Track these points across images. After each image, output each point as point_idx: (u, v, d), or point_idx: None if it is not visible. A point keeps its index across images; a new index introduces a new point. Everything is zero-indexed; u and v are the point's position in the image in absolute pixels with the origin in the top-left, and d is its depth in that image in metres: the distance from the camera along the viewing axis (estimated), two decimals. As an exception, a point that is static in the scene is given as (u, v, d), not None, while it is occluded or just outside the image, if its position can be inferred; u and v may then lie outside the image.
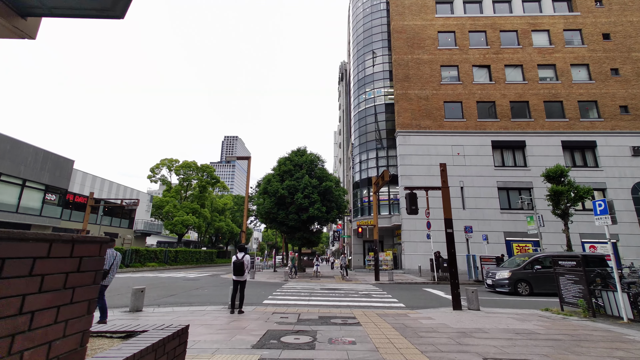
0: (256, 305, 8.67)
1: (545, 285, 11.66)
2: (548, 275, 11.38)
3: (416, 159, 24.41)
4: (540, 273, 11.94)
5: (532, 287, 11.85)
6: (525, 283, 11.95)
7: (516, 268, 12.36)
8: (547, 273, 11.51)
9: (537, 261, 12.38)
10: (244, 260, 7.45)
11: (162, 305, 8.46)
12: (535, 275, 11.96)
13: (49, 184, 23.49)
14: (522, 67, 25.71)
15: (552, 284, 11.09)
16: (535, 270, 12.03)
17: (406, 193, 8.90)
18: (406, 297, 10.89)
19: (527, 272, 12.07)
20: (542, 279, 11.80)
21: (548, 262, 12.26)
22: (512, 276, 12.03)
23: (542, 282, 11.77)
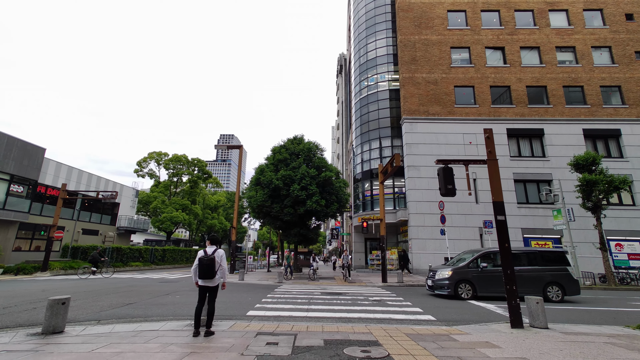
0: (237, 319, 6.36)
1: (492, 286, 9.88)
2: (497, 275, 9.71)
3: (424, 148, 22.23)
4: (488, 272, 10.03)
5: (476, 289, 9.94)
6: (468, 284, 10.01)
7: (458, 266, 10.44)
8: (496, 272, 9.85)
9: (486, 258, 10.54)
10: (215, 257, 5.14)
11: (104, 320, 6.11)
12: (481, 275, 10.03)
13: (15, 174, 20.91)
14: (539, 50, 23.63)
15: (501, 285, 9.80)
16: (481, 269, 10.09)
17: (439, 168, 6.65)
18: (430, 305, 8.64)
19: (471, 271, 10.15)
20: (488, 280, 9.95)
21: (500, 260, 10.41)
22: (452, 276, 10.11)
23: (488, 282, 9.93)
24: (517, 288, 9.63)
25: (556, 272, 9.97)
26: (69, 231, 26.09)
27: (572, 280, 9.95)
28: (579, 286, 10.08)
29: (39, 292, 9.71)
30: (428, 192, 21.39)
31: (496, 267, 10.06)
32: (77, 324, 5.75)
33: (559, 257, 10.42)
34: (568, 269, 10.13)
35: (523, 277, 9.64)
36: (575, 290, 9.90)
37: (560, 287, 9.80)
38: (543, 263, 10.18)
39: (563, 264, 10.25)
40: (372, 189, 25.75)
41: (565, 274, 9.98)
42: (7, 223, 20.93)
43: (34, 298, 8.52)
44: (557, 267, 10.08)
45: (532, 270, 9.99)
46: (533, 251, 10.65)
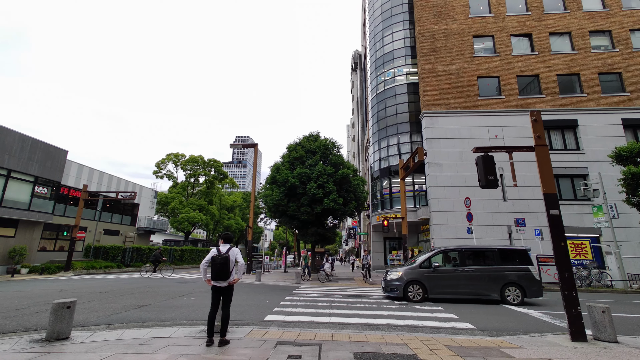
0: (254, 325, 5.83)
1: (444, 287, 9.27)
2: (451, 275, 9.32)
3: (445, 143, 21.16)
4: (440, 272, 9.38)
5: (427, 290, 9.25)
6: (418, 285, 9.34)
7: (410, 267, 9.81)
8: (450, 272, 9.38)
9: (443, 256, 9.97)
10: (230, 255, 4.62)
11: (114, 324, 5.72)
12: (433, 275, 9.36)
13: (39, 176, 21.42)
14: (570, 35, 22.03)
15: (454, 286, 9.17)
16: (433, 268, 9.40)
17: (478, 157, 5.88)
18: (464, 310, 7.84)
19: (423, 271, 9.47)
20: (440, 280, 9.31)
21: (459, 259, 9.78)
22: (402, 276, 9.49)
23: (440, 283, 9.30)
24: (471, 289, 9.04)
25: (517, 272, 9.21)
26: (91, 231, 26.65)
27: (534, 280, 9.16)
28: (541, 287, 9.24)
29: (56, 293, 9.58)
30: (451, 189, 20.32)
31: (449, 267, 9.60)
32: (85, 328, 5.37)
33: (521, 256, 9.60)
34: (530, 268, 9.34)
35: (480, 277, 9.16)
36: (536, 292, 9.11)
37: (520, 288, 9.04)
38: (503, 262, 9.39)
39: (525, 263, 9.45)
40: (390, 187, 24.84)
41: (526, 274, 9.21)
42: (32, 224, 21.48)
43: (49, 299, 8.34)
44: (519, 267, 9.31)
45: (491, 270, 9.26)
46: (492, 249, 9.80)
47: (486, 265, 9.43)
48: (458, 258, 9.64)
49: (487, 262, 9.53)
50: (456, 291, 9.16)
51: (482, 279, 9.13)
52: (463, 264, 9.46)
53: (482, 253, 9.82)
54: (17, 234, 20.42)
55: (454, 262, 9.84)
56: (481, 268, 9.30)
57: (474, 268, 9.24)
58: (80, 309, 6.95)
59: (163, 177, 41.92)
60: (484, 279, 9.13)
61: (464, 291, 9.13)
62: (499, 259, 9.40)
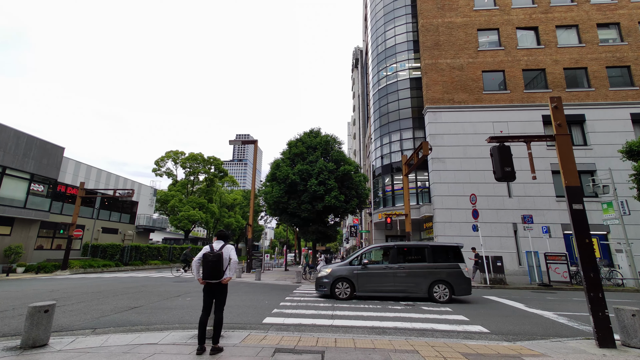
0: (251, 329, 5.42)
1: (371, 284, 9.04)
2: (380, 273, 9.11)
3: (449, 139, 20.67)
4: (370, 270, 9.18)
5: (355, 288, 8.99)
6: (347, 282, 9.05)
7: (339, 264, 9.72)
8: (379, 269, 9.18)
9: (375, 253, 9.86)
10: (223, 252, 4.21)
11: (101, 328, 5.32)
12: (362, 272, 9.11)
13: (35, 173, 21.05)
14: (577, 28, 21.48)
15: (383, 283, 8.98)
16: (362, 265, 9.19)
17: (493, 147, 5.44)
18: (473, 312, 7.42)
19: (353, 269, 9.22)
20: (369, 277, 9.08)
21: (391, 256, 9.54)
22: (331, 274, 9.24)
23: (368, 280, 9.06)
24: (400, 287, 8.76)
25: (447, 270, 9.03)
26: (89, 230, 26.32)
27: (463, 278, 9.01)
28: (469, 285, 9.08)
29: (47, 293, 9.20)
30: (455, 185, 19.87)
31: (379, 264, 9.38)
32: (68, 333, 4.97)
33: (453, 253, 9.39)
34: (461, 266, 9.15)
35: (409, 275, 8.99)
36: (465, 290, 8.98)
37: (449, 285, 8.87)
38: (436, 259, 9.20)
39: (456, 260, 9.25)
40: (393, 184, 24.39)
41: (456, 271, 9.04)
42: (29, 222, 21.13)
43: (38, 300, 7.95)
44: (449, 264, 9.13)
45: (420, 267, 9.09)
46: (425, 246, 9.52)
47: (418, 262, 9.26)
48: (390, 255, 9.40)
49: (419, 259, 9.36)
50: (384, 288, 8.94)
51: (411, 276, 8.97)
52: (394, 261, 9.21)
53: (415, 250, 9.64)
54: (12, 232, 20.08)
55: (386, 260, 9.58)
56: (411, 265, 9.12)
57: (404, 265, 9.04)
58: (67, 311, 6.56)
59: (162, 175, 41.54)
60: (412, 277, 8.97)
61: (392, 288, 8.93)
62: (431, 256, 9.20)
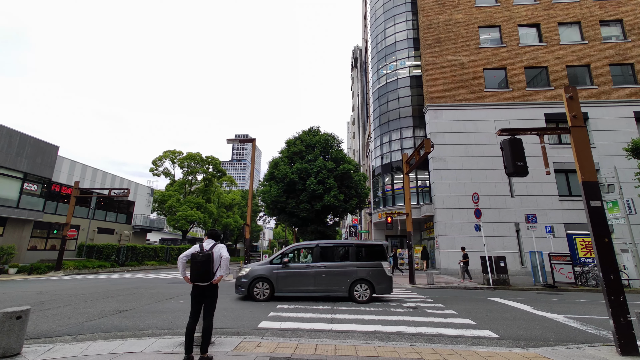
0: (245, 335, 5.07)
1: (294, 284, 8.66)
2: (301, 272, 8.75)
3: (451, 138, 20.38)
4: (291, 269, 8.79)
5: (274, 288, 8.59)
6: (266, 282, 8.62)
7: (259, 262, 9.41)
8: (301, 268, 8.82)
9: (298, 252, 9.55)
10: (214, 253, 3.87)
11: (83, 334, 4.95)
12: (283, 271, 8.73)
13: (29, 172, 20.65)
14: (579, 25, 21.21)
15: (304, 283, 8.60)
16: (283, 264, 8.81)
17: (504, 140, 5.12)
18: (480, 314, 7.08)
19: (272, 268, 8.81)
20: (291, 277, 8.70)
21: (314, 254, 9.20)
22: (249, 273, 8.74)
23: (290, 280, 8.68)
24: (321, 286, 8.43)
25: (368, 268, 8.83)
26: (84, 230, 25.89)
27: (385, 276, 8.87)
28: (391, 284, 8.96)
29: (34, 295, 8.82)
30: (456, 184, 19.57)
31: (301, 263, 9.12)
32: (47, 340, 4.61)
33: (376, 252, 9.16)
34: (383, 264, 8.95)
35: (330, 274, 8.69)
36: (386, 289, 8.87)
37: (369, 284, 8.68)
38: (357, 258, 8.96)
39: (379, 259, 9.04)
40: (393, 183, 24.07)
41: (378, 270, 8.87)
42: (22, 222, 20.71)
43: (23, 302, 7.58)
44: (371, 263, 8.93)
45: (341, 266, 8.82)
46: (349, 244, 9.27)
47: (340, 261, 9.02)
48: (313, 254, 9.13)
49: (341, 257, 9.12)
50: (305, 288, 8.62)
51: (332, 275, 8.70)
52: (317, 260, 8.93)
53: (339, 248, 9.37)
54: (5, 233, 19.66)
55: (309, 258, 9.31)
56: (333, 264, 8.85)
57: (326, 264, 8.77)
58: (50, 315, 6.19)
59: (160, 174, 41.05)
60: (334, 276, 8.70)
61: (314, 288, 8.64)
62: (355, 255, 8.97)
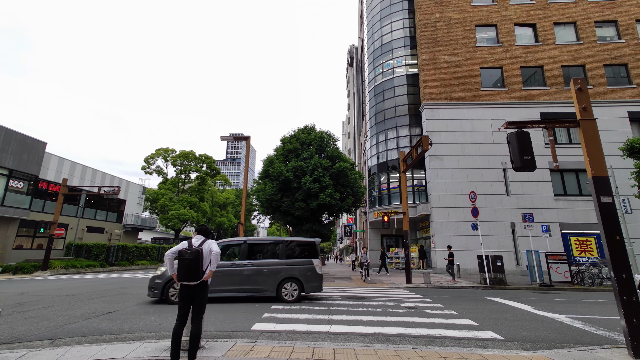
0: (238, 338, 4.78)
1: (218, 284, 7.83)
2: (227, 271, 8.05)
3: (447, 136, 20.28)
4: (217, 267, 7.61)
5: None
6: None
7: None
8: (226, 267, 8.09)
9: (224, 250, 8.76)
10: (203, 249, 3.57)
11: (62, 338, 4.61)
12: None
13: (14, 169, 19.99)
14: (575, 25, 21.30)
15: (229, 282, 8.00)
16: None
17: (510, 134, 4.95)
18: (481, 314, 6.88)
19: None
20: (215, 276, 7.64)
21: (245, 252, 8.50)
22: (167, 273, 7.70)
23: (214, 280, 7.57)
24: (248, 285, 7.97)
25: (298, 266, 8.48)
26: (72, 229, 25.21)
27: (316, 275, 8.59)
28: (321, 282, 8.71)
29: (15, 296, 8.39)
30: (452, 183, 19.47)
31: (227, 262, 8.31)
32: (22, 345, 4.26)
33: (308, 249, 8.89)
34: (314, 262, 8.68)
35: (258, 272, 8.23)
36: (316, 287, 8.59)
37: (299, 283, 8.35)
38: (287, 255, 8.62)
39: (310, 257, 8.77)
40: (389, 182, 23.93)
41: (308, 268, 8.57)
42: (7, 220, 20.04)
43: (1, 304, 7.17)
44: (302, 261, 8.61)
45: (270, 264, 8.39)
46: (277, 241, 8.86)
47: (269, 258, 8.57)
48: (240, 251, 8.53)
49: (271, 255, 8.67)
50: (230, 288, 8.04)
51: (259, 274, 8.25)
52: (244, 257, 8.37)
53: (268, 246, 8.91)
54: (-11, 231, 19.00)
55: (237, 256, 8.68)
56: (260, 262, 8.41)
57: (253, 262, 8.30)
58: (29, 317, 5.81)
59: (152, 172, 40.33)
60: (261, 274, 8.25)
61: (240, 288, 8.11)
62: (285, 252, 8.60)
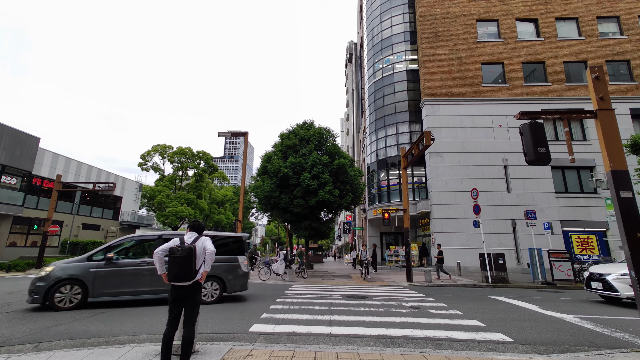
0: (235, 341, 4.52)
1: (120, 285, 7.00)
2: (132, 270, 7.16)
3: (447, 133, 20.03)
4: (119, 266, 7.09)
5: (89, 291, 6.74)
6: (77, 285, 6.69)
7: (71, 260, 7.22)
8: (132, 266, 7.22)
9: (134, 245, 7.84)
10: (196, 247, 3.30)
11: (48, 341, 4.32)
12: (107, 270, 6.95)
13: (6, 165, 19.56)
14: (577, 21, 21.05)
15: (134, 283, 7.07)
16: (107, 260, 7.01)
17: (524, 125, 4.69)
18: (487, 315, 6.66)
19: (90, 266, 6.91)
20: (118, 276, 7.02)
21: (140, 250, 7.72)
22: (52, 273, 6.65)
23: (116, 280, 6.99)
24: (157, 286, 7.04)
25: (221, 264, 7.79)
26: (67, 226, 24.83)
27: (240, 272, 8.12)
28: (246, 281, 8.31)
29: (3, 295, 8.09)
30: (453, 180, 19.26)
31: (134, 259, 7.39)
32: (3, 349, 3.97)
33: (233, 245, 8.35)
34: (239, 259, 8.17)
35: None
36: (240, 286, 8.13)
37: (220, 282, 7.74)
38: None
39: (236, 253, 8.25)
40: (388, 179, 23.69)
41: (232, 265, 8.03)
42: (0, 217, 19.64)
43: (-12, 304, 6.87)
44: (225, 257, 8.00)
45: None
46: None
47: None
48: (154, 247, 7.22)
49: None
50: (137, 290, 7.10)
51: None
52: None
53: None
54: (-19, 228, 18.61)
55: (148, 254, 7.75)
56: None
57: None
58: (14, 318, 5.53)
59: (149, 169, 39.90)
60: None
61: (149, 289, 7.20)
62: None
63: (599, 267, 9.24)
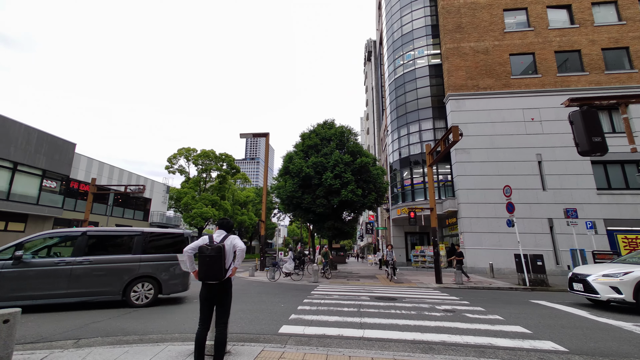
0: (266, 342, 4.42)
1: (34, 288, 6.18)
2: (50, 271, 6.33)
3: (474, 128, 19.17)
4: (31, 266, 6.28)
5: None
6: None
7: None
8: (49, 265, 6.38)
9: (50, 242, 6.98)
10: (225, 245, 3.21)
11: (85, 338, 4.43)
12: (15, 270, 6.09)
13: (47, 169, 20.83)
14: (616, 4, 19.52)
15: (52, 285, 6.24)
16: (16, 259, 6.15)
17: (574, 112, 4.27)
18: (531, 320, 6.19)
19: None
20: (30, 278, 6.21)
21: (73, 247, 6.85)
22: None
23: (27, 283, 6.17)
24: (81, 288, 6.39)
25: (158, 262, 7.20)
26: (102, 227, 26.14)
27: (179, 272, 7.44)
28: (187, 280, 7.63)
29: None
30: (481, 178, 18.41)
31: (52, 258, 6.65)
32: (45, 345, 4.10)
33: (173, 243, 7.75)
34: (179, 257, 7.49)
35: (97, 271, 6.66)
36: (179, 286, 7.48)
37: (155, 282, 7.08)
38: (144, 249, 7.20)
39: (177, 252, 7.59)
40: (412, 178, 23.05)
41: (170, 264, 7.36)
42: (42, 218, 20.94)
43: (32, 300, 7.22)
44: (163, 256, 7.37)
45: (115, 261, 6.89)
46: (131, 234, 7.38)
47: (118, 254, 7.06)
48: (75, 246, 6.83)
49: (122, 250, 7.19)
50: (50, 293, 6.29)
51: (99, 273, 6.68)
52: (80, 253, 6.69)
53: (118, 238, 7.46)
54: (26, 229, 19.90)
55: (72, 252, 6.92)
56: (103, 258, 6.83)
57: (91, 258, 6.67)
58: (55, 315, 5.74)
59: (175, 172, 41.35)
60: (102, 274, 6.70)
61: (66, 292, 6.40)
62: (140, 246, 7.18)
63: (582, 268, 8.39)
